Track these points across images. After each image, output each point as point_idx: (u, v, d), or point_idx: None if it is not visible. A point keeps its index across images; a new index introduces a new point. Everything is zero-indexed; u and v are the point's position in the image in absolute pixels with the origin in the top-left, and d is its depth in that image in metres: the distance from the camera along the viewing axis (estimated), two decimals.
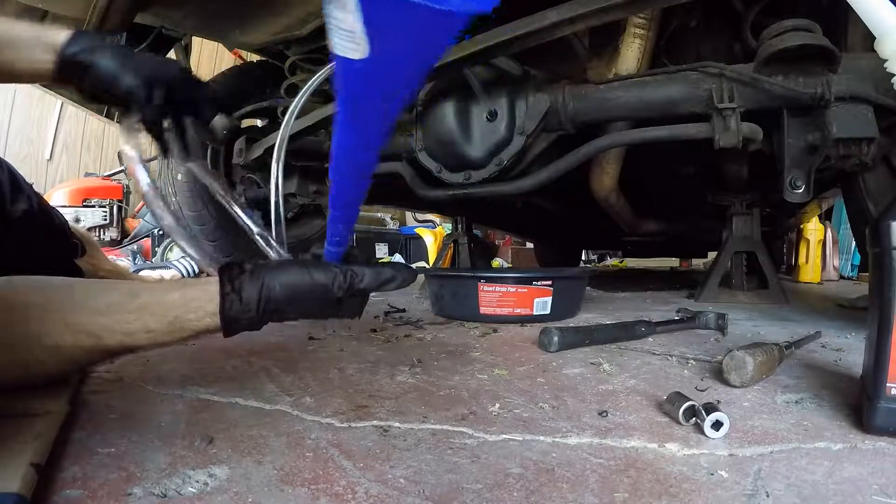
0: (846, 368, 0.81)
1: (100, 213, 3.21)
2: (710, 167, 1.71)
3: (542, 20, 0.97)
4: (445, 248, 2.45)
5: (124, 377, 0.76)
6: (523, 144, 1.29)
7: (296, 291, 0.57)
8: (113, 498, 0.41)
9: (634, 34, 1.27)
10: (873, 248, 0.54)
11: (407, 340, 1.06)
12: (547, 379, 0.75)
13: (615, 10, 0.94)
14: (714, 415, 0.53)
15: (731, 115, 1.10)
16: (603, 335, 1.00)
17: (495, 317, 1.25)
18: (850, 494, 0.41)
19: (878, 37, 0.55)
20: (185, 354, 0.93)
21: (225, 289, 0.56)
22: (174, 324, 0.57)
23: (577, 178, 1.59)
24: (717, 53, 1.33)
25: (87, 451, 0.49)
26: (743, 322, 1.28)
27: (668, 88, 1.17)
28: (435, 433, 0.55)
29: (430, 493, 0.42)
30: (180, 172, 1.71)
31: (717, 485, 0.43)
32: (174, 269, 2.24)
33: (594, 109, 1.24)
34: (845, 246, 3.50)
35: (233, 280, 0.56)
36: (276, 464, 0.47)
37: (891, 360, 0.50)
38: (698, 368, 0.81)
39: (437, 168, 1.43)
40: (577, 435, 0.54)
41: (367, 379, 0.76)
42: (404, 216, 5.60)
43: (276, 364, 0.85)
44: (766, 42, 1.08)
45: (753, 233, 1.75)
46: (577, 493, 0.42)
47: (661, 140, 1.19)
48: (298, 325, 1.28)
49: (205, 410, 0.61)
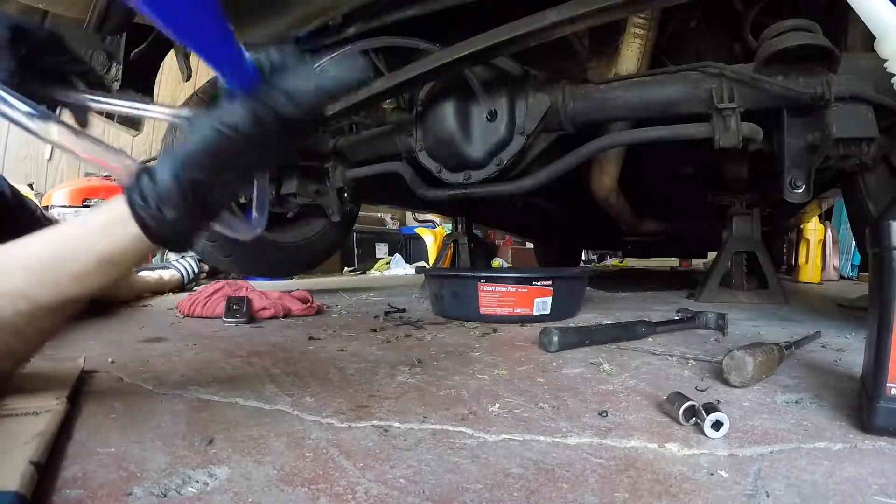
0: (846, 368, 0.81)
1: None
2: (710, 167, 1.71)
3: (542, 20, 0.97)
4: (445, 248, 2.45)
5: (124, 377, 0.76)
6: (523, 144, 1.29)
7: (210, 146, 0.46)
8: (113, 498, 0.41)
9: (634, 34, 1.27)
10: (873, 248, 0.54)
11: (407, 340, 1.06)
12: (547, 379, 0.75)
13: (615, 10, 0.94)
14: (714, 415, 0.53)
15: (731, 115, 1.10)
16: (603, 335, 1.00)
17: (495, 317, 1.25)
18: (850, 494, 0.41)
19: (878, 37, 0.55)
20: (186, 355, 0.93)
21: (129, 183, 0.48)
22: (101, 256, 0.50)
23: (577, 178, 1.59)
24: (717, 53, 1.33)
25: (87, 451, 0.49)
26: (743, 322, 1.28)
27: (668, 88, 1.17)
28: (435, 433, 0.55)
29: (430, 493, 0.42)
30: None
31: (717, 485, 0.43)
32: (173, 269, 2.24)
33: (594, 109, 1.24)
34: (845, 246, 3.50)
35: (138, 174, 0.48)
36: (276, 464, 0.47)
37: (891, 360, 0.50)
38: (698, 368, 0.81)
39: (437, 168, 1.44)
40: (577, 435, 0.54)
41: (367, 379, 0.76)
42: (404, 216, 5.60)
43: (276, 364, 0.85)
44: (766, 42, 1.08)
45: (753, 233, 1.75)
46: (577, 493, 0.42)
47: (661, 140, 1.19)
48: (298, 326, 1.28)
49: (205, 410, 0.61)
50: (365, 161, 1.72)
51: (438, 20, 1.17)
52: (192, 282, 2.29)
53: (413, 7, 1.14)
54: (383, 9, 1.18)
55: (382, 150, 1.61)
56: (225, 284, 1.52)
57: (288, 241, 2.05)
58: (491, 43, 1.03)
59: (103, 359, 0.87)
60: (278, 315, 1.40)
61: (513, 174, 1.37)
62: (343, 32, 1.24)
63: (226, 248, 1.82)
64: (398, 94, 1.51)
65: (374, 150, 1.66)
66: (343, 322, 1.33)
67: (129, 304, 1.78)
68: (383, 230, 5.20)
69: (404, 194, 2.06)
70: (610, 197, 1.72)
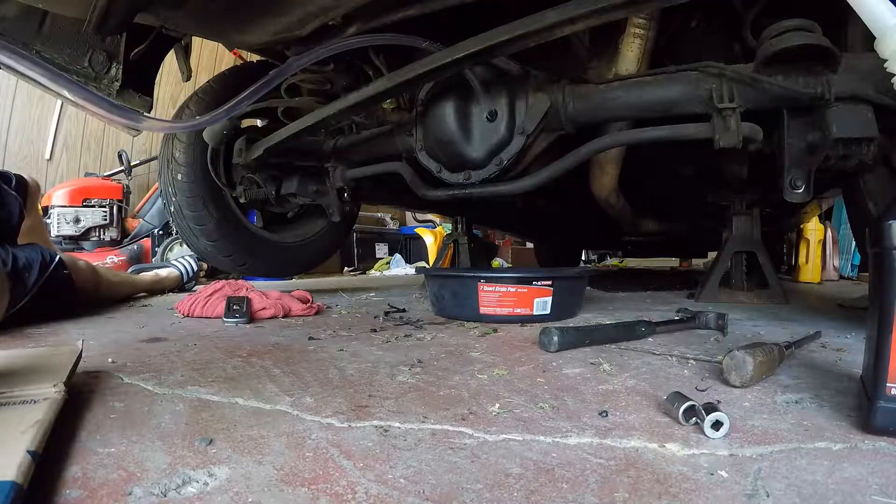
0: (846, 368, 0.81)
1: (100, 213, 3.20)
2: (710, 167, 1.71)
3: (542, 20, 0.97)
4: (445, 248, 2.45)
5: (124, 377, 0.76)
6: (523, 144, 1.29)
7: None
8: (113, 498, 0.41)
9: (634, 34, 1.27)
10: (873, 247, 0.54)
11: (407, 340, 1.06)
12: (547, 379, 0.75)
13: (615, 10, 0.94)
14: (714, 415, 0.53)
15: (731, 115, 1.10)
16: (603, 335, 1.00)
17: (495, 317, 1.25)
18: (850, 494, 0.41)
19: (878, 37, 0.55)
20: (186, 355, 0.93)
21: None
22: None
23: (577, 178, 1.59)
24: (717, 53, 1.32)
25: (87, 451, 0.49)
26: (743, 322, 1.28)
27: (668, 88, 1.17)
28: (435, 433, 0.55)
29: (430, 493, 0.42)
30: (180, 173, 1.71)
31: (717, 485, 0.43)
32: (172, 268, 2.24)
33: (594, 109, 1.24)
34: (845, 246, 3.50)
35: None
36: (276, 464, 0.47)
37: (891, 360, 0.50)
38: (698, 368, 0.81)
39: (437, 168, 1.44)
40: (577, 435, 0.54)
41: (367, 379, 0.76)
42: (404, 216, 5.60)
43: (276, 364, 0.85)
44: (767, 42, 1.08)
45: (753, 233, 1.75)
46: (577, 493, 0.42)
47: (662, 140, 1.19)
48: (298, 326, 1.28)
49: (205, 410, 0.61)
50: (365, 161, 1.72)
51: (438, 20, 1.17)
52: (192, 280, 2.29)
53: (413, 7, 1.14)
54: (383, 9, 1.18)
55: (382, 150, 1.61)
56: (225, 284, 1.52)
57: (288, 241, 2.05)
58: (491, 43, 1.03)
59: (103, 359, 0.87)
60: (278, 315, 1.40)
61: (513, 174, 1.37)
62: (343, 32, 1.24)
63: (226, 248, 1.82)
64: (398, 94, 1.51)
65: (374, 151, 1.66)
66: (343, 322, 1.33)
67: (129, 303, 1.78)
68: (383, 230, 5.20)
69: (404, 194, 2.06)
70: (610, 197, 1.72)
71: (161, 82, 1.70)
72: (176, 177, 1.71)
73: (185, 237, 1.81)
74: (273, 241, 1.99)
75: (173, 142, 1.73)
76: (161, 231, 3.31)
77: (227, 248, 1.83)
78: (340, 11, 1.15)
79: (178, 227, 1.80)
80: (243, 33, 1.26)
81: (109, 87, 1.50)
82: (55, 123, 3.96)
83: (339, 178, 1.77)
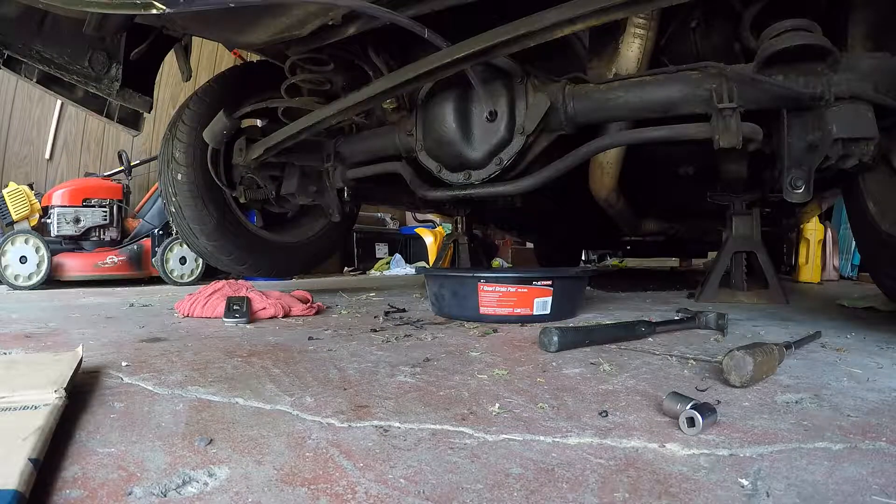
0: (846, 368, 0.81)
1: (100, 213, 3.20)
2: (710, 167, 1.71)
3: (542, 20, 0.97)
4: (445, 248, 2.45)
5: (124, 377, 0.76)
6: (523, 144, 1.29)
7: None
8: (113, 498, 0.41)
9: (634, 34, 1.27)
10: None
11: (407, 340, 1.06)
12: (547, 379, 0.75)
13: (615, 10, 0.94)
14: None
15: (732, 114, 1.10)
16: (603, 335, 1.00)
17: (495, 317, 1.25)
18: (850, 494, 0.41)
19: None
20: (186, 354, 0.93)
21: None
22: None
23: (577, 178, 1.59)
24: (717, 53, 1.33)
25: (87, 451, 0.49)
26: (743, 322, 1.28)
27: (668, 88, 1.17)
28: (435, 433, 0.55)
29: (430, 493, 0.42)
30: (180, 173, 1.71)
31: (717, 485, 0.43)
32: None
33: (594, 109, 1.24)
34: (845, 246, 3.50)
35: None
36: (276, 464, 0.47)
37: None
38: (698, 368, 0.81)
39: (438, 168, 1.44)
40: (577, 435, 0.54)
41: (367, 379, 0.75)
42: (404, 216, 5.60)
43: (276, 364, 0.84)
44: (767, 42, 1.08)
45: (753, 233, 1.75)
46: (577, 493, 0.42)
47: (661, 140, 1.19)
48: (298, 326, 1.28)
49: (205, 410, 0.61)
50: (365, 161, 1.72)
51: (439, 20, 1.17)
52: None
53: (413, 7, 1.14)
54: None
55: (382, 150, 1.61)
56: (225, 284, 1.52)
57: (288, 241, 2.05)
58: (491, 43, 1.03)
59: (103, 359, 0.87)
60: (278, 315, 1.40)
61: (513, 174, 1.37)
62: (343, 32, 1.24)
63: (226, 248, 1.82)
64: (398, 94, 1.51)
65: (373, 151, 1.66)
66: (343, 322, 1.33)
67: (129, 303, 1.78)
68: (383, 230, 5.20)
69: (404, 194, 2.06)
70: (610, 197, 1.72)
71: (161, 82, 1.70)
72: (176, 177, 1.71)
73: (185, 237, 1.81)
74: (273, 241, 1.99)
75: (173, 142, 1.73)
76: (161, 231, 3.30)
77: (226, 248, 1.83)
78: (341, 12, 1.15)
79: (178, 227, 1.80)
80: (243, 34, 1.26)
81: (109, 87, 1.50)
82: (55, 123, 3.96)
83: (339, 178, 1.77)
